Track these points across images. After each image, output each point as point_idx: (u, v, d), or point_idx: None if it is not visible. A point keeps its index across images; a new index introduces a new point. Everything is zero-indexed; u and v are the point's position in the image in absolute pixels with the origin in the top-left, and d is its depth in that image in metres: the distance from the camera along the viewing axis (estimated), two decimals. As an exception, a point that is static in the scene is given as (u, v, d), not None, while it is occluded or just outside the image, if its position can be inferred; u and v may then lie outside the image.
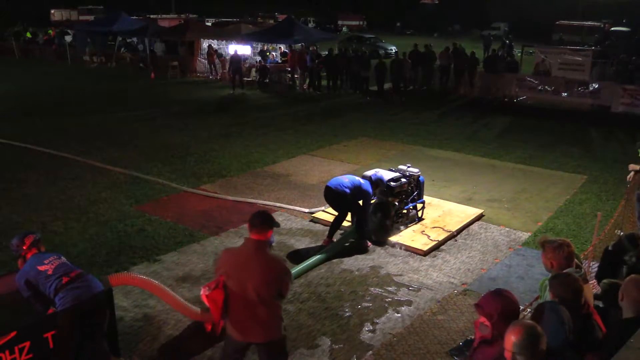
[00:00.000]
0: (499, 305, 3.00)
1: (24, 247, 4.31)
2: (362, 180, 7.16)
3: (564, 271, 3.56)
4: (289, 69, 21.11)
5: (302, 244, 7.26)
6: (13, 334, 3.89)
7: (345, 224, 7.42)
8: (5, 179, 9.53)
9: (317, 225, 7.87)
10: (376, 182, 7.35)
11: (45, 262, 4.22)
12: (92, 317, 4.18)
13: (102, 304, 4.29)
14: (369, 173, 7.51)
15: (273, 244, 5.92)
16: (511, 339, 2.66)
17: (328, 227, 7.71)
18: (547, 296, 3.56)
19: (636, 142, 7.93)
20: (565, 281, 3.28)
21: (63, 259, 4.37)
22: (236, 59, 19.80)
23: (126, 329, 5.21)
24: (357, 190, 7.03)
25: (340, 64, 20.31)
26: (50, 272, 4.14)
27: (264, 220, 3.78)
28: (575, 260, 3.79)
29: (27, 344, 3.97)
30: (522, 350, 2.62)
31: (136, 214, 8.12)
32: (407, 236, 7.37)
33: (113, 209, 8.30)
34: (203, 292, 3.75)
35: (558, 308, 3.11)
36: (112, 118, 14.90)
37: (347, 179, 7.10)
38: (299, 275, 6.30)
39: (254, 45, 24.10)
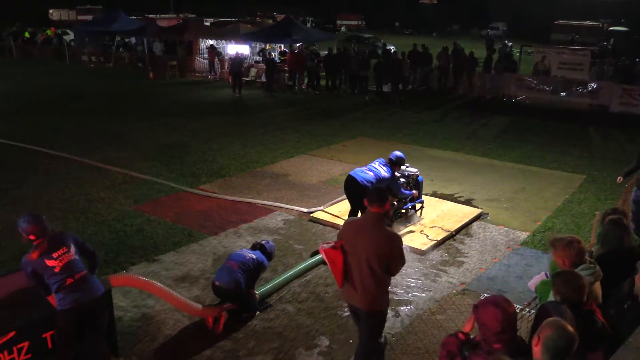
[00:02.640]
0: (499, 313, 2.85)
1: (32, 237, 4.09)
2: (384, 169, 7.00)
3: (566, 269, 3.56)
4: (288, 69, 21.09)
5: (300, 244, 7.26)
6: (12, 333, 3.89)
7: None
8: (5, 179, 9.52)
9: (316, 225, 7.87)
10: (397, 161, 7.15)
11: (55, 255, 4.09)
12: (91, 318, 4.17)
13: (102, 305, 4.28)
14: (390, 156, 7.22)
15: (273, 250, 5.93)
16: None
17: (327, 227, 7.71)
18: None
19: None
20: (567, 279, 3.28)
21: (72, 251, 4.20)
22: (237, 61, 19.78)
23: (125, 329, 5.21)
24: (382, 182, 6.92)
25: (339, 64, 20.31)
26: (57, 270, 4.06)
27: (381, 195, 4.16)
28: (587, 256, 3.78)
29: (26, 344, 3.98)
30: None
31: (135, 214, 8.12)
32: (406, 236, 7.37)
33: (112, 209, 8.30)
34: (322, 246, 4.24)
35: (561, 308, 3.12)
36: (111, 118, 14.88)
37: (371, 173, 6.90)
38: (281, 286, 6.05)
39: (253, 45, 24.07)
